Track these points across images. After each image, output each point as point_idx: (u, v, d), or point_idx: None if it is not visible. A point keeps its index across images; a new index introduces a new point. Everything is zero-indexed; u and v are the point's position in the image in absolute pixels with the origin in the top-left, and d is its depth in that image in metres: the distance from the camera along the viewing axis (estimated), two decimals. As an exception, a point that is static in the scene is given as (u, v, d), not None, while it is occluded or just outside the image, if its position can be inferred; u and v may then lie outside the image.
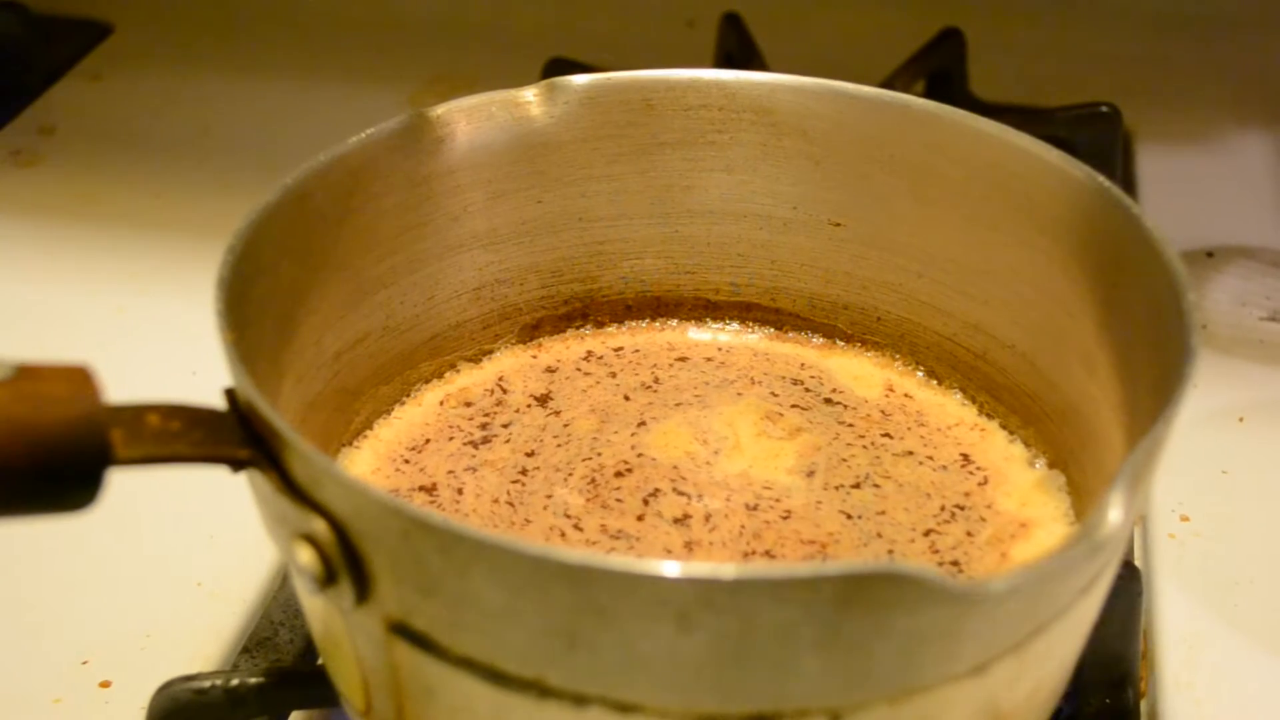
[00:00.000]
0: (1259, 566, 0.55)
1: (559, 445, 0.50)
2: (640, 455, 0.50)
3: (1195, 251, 0.73)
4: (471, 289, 0.53)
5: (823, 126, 0.52)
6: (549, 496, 0.48)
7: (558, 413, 0.52)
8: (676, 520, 0.47)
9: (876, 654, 0.33)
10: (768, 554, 0.46)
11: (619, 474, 0.49)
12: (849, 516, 0.47)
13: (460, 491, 0.48)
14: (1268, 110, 0.86)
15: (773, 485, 0.48)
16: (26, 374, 0.34)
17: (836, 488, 0.48)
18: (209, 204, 0.77)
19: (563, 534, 0.46)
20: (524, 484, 0.48)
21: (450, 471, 0.49)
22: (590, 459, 0.49)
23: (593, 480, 0.48)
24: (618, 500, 0.47)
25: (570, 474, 0.48)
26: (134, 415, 0.35)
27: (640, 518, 0.47)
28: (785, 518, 0.47)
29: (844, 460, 0.50)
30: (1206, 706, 0.50)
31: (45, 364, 0.35)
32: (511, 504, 0.47)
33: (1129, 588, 0.51)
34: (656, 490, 0.48)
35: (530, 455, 0.49)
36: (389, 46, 0.95)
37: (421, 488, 0.48)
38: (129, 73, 0.92)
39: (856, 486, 0.48)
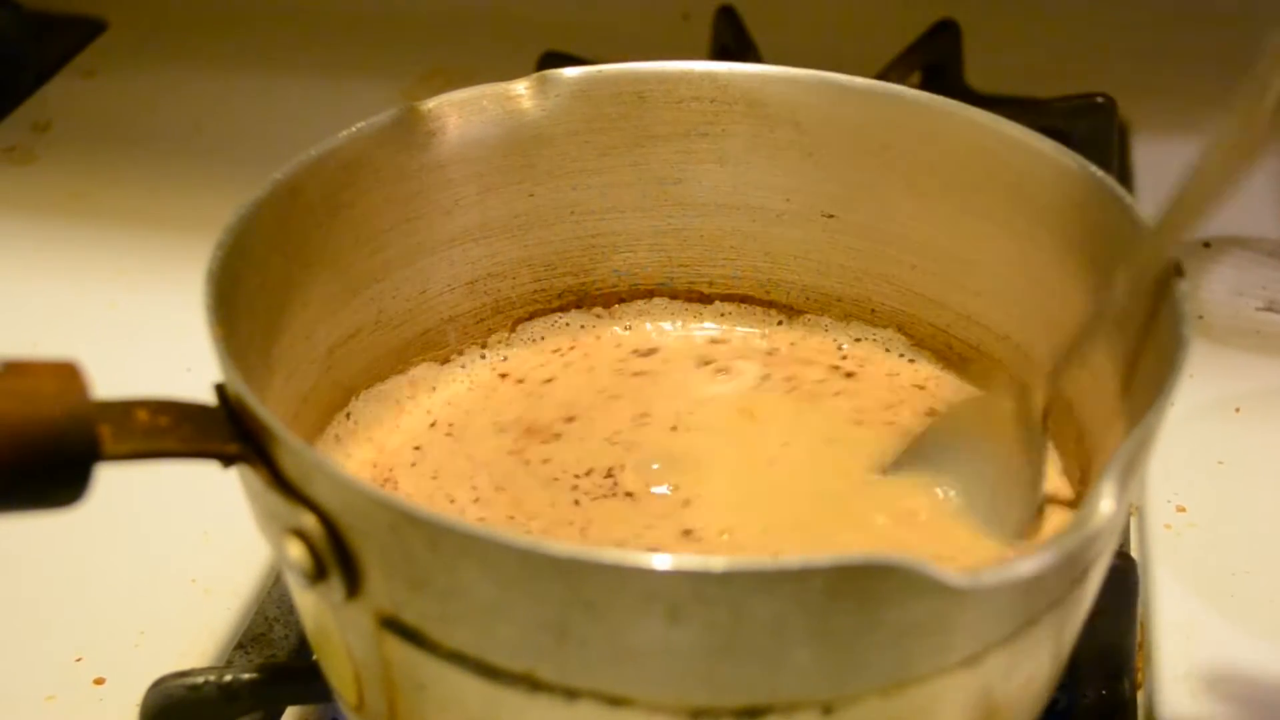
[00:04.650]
0: (1255, 557, 0.55)
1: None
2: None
3: (1191, 242, 0.72)
4: (464, 283, 0.53)
5: (815, 118, 0.51)
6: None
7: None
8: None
9: (868, 646, 0.33)
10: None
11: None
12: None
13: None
14: (1264, 100, 0.86)
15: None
16: (14, 370, 0.34)
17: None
18: (203, 200, 0.77)
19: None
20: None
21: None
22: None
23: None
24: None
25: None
26: (122, 410, 0.35)
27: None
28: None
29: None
30: (1203, 697, 0.50)
31: (33, 360, 0.35)
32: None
33: (1125, 578, 0.51)
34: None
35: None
36: (384, 41, 0.95)
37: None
38: (123, 69, 0.92)
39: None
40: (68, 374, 0.35)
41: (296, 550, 0.35)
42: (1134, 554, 0.55)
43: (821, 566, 0.32)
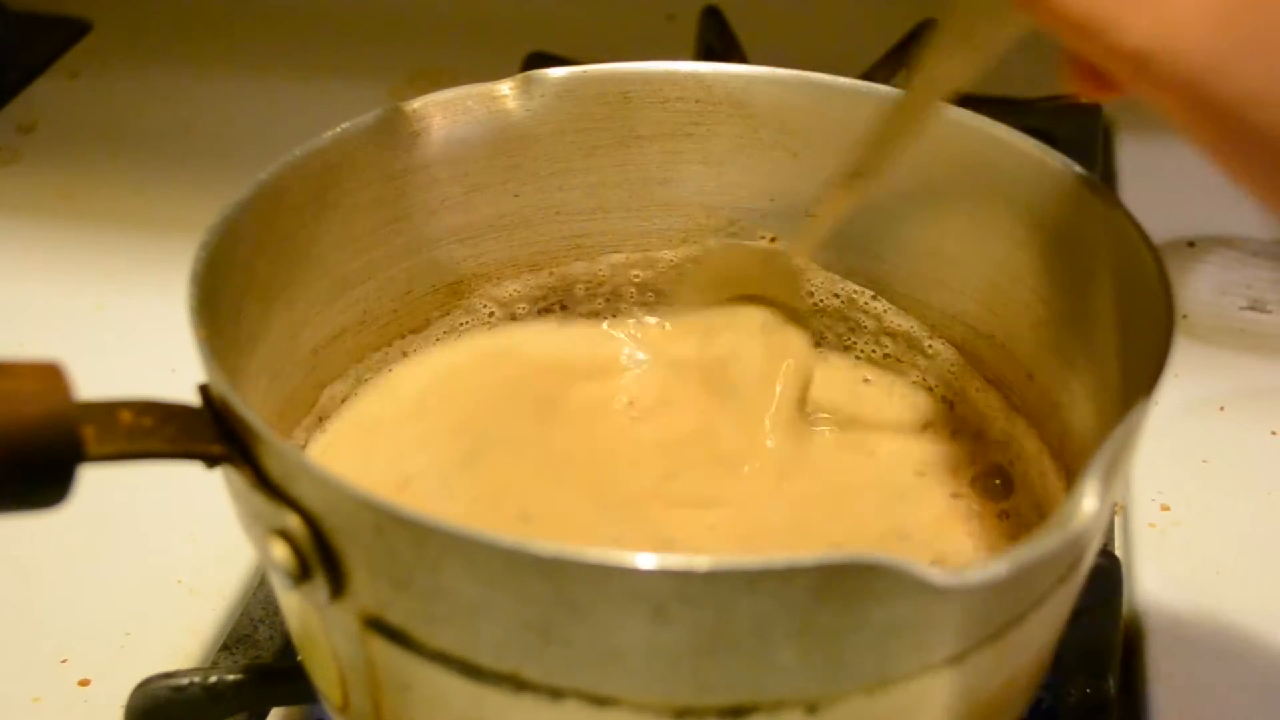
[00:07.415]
0: (1239, 555, 0.55)
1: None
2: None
3: (1176, 241, 0.73)
4: (449, 283, 0.53)
5: (800, 119, 0.52)
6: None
7: None
8: None
9: (852, 645, 0.33)
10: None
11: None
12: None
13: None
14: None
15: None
16: (-4, 371, 0.34)
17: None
18: (188, 201, 0.77)
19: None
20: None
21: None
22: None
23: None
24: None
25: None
26: (106, 412, 0.35)
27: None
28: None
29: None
30: (1187, 695, 0.50)
31: (16, 361, 0.34)
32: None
33: (1109, 577, 0.51)
34: None
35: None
36: (369, 42, 0.95)
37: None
38: (108, 70, 0.92)
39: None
40: (51, 375, 0.34)
41: (281, 551, 0.35)
42: (1118, 552, 0.55)
43: (806, 566, 0.32)
